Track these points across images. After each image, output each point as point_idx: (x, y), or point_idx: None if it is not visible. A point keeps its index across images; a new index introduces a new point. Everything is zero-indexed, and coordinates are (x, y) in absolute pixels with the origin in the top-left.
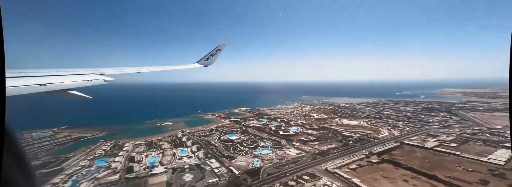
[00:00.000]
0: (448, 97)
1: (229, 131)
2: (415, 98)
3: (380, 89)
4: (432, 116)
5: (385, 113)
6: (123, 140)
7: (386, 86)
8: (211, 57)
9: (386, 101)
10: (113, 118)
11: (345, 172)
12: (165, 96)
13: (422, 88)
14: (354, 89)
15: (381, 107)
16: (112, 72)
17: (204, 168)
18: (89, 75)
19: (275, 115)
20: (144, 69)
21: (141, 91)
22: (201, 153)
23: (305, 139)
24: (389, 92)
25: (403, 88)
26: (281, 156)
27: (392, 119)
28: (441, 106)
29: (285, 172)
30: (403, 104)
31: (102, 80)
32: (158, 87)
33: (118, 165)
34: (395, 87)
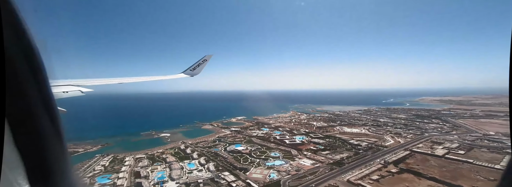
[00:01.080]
0: (431, 105)
1: (233, 141)
2: (402, 105)
3: (365, 97)
4: (426, 123)
5: (381, 120)
6: (121, 154)
7: (370, 94)
8: (197, 67)
9: (377, 109)
10: (102, 130)
11: (369, 183)
12: (153, 106)
13: (404, 96)
14: (340, 97)
15: (375, 115)
16: (91, 83)
17: (220, 182)
18: (65, 86)
19: (275, 124)
20: (126, 80)
21: (125, 101)
22: (211, 165)
23: (313, 148)
24: (375, 100)
25: (386, 96)
26: (297, 167)
27: (390, 126)
28: (429, 113)
29: (307, 184)
30: (394, 112)
31: (79, 92)
32: (143, 96)
33: (123, 181)
34: (379, 95)
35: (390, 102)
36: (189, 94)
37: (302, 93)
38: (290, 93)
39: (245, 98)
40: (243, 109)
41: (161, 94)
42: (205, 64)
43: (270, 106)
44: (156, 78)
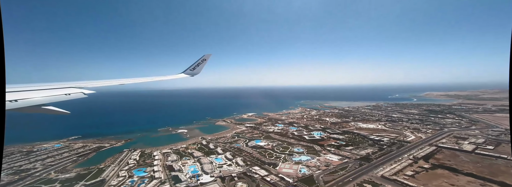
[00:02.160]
0: (438, 100)
1: (252, 137)
2: (409, 101)
3: (369, 93)
4: (441, 118)
5: (394, 116)
6: (147, 148)
7: (373, 90)
8: (197, 67)
9: (385, 104)
10: (119, 127)
11: (404, 179)
12: (160, 103)
13: (408, 91)
14: (343, 93)
15: (385, 110)
16: (93, 85)
17: (253, 176)
18: (67, 89)
19: (288, 120)
20: (127, 81)
21: (131, 98)
22: (239, 160)
23: (335, 143)
24: (380, 95)
25: (391, 92)
26: (325, 162)
27: (406, 121)
28: (441, 108)
29: (341, 179)
30: (404, 107)
31: (82, 94)
32: (146, 93)
33: (160, 174)
34: (382, 90)
35: (397, 98)
36: (191, 91)
37: (304, 90)
38: (291, 89)
39: (249, 95)
40: (251, 106)
41: (163, 91)
42: (205, 64)
43: (277, 102)
44: (156, 78)
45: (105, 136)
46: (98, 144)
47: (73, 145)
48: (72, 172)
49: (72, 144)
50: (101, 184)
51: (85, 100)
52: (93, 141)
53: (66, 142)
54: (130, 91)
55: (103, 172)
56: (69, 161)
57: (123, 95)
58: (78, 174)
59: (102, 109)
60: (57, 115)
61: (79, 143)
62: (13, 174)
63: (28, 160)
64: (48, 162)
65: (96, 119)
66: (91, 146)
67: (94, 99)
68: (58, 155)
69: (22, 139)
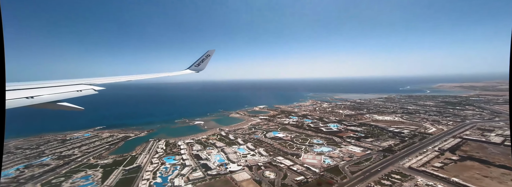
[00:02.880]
0: (453, 91)
1: (269, 129)
2: (422, 92)
3: (378, 85)
4: (461, 110)
5: (410, 108)
6: (170, 138)
7: (381, 82)
8: (201, 63)
9: (398, 96)
10: (137, 118)
11: (433, 170)
12: (171, 96)
13: (419, 83)
14: (351, 85)
15: (399, 102)
16: (101, 82)
17: (279, 166)
18: (78, 85)
19: (301, 113)
20: (134, 77)
21: (141, 91)
22: (261, 150)
23: (353, 135)
24: (391, 87)
25: (401, 84)
26: (348, 153)
27: (423, 113)
28: (458, 100)
29: (367, 170)
30: (418, 99)
31: (92, 90)
32: (154, 86)
33: (190, 162)
34: (391, 83)
35: (408, 90)
36: (197, 84)
37: (310, 82)
38: (296, 82)
39: (255, 88)
40: (260, 98)
41: (170, 84)
42: (209, 59)
43: (285, 95)
44: (162, 74)
45: (128, 127)
46: (123, 134)
47: (101, 134)
48: (108, 158)
49: (100, 133)
50: (138, 169)
51: (99, 92)
52: (118, 131)
53: (94, 132)
54: (137, 84)
55: (136, 159)
56: (102, 149)
57: (132, 89)
58: (114, 160)
59: (116, 101)
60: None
61: (105, 132)
62: (58, 159)
63: (65, 147)
64: (84, 149)
65: (114, 111)
66: (118, 135)
67: (106, 91)
68: (91, 143)
69: (52, 129)
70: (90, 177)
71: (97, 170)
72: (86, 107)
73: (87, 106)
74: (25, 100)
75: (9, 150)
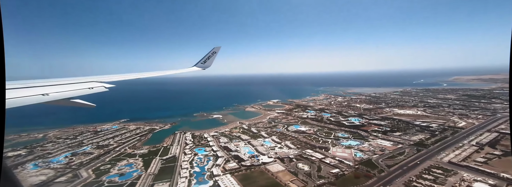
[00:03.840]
0: (472, 84)
1: (289, 122)
2: (439, 86)
3: (391, 78)
4: (487, 103)
5: (430, 101)
6: (195, 131)
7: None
8: (207, 60)
9: (414, 90)
10: (156, 112)
11: (477, 165)
12: (182, 91)
13: (433, 76)
14: (364, 79)
15: (417, 96)
16: (111, 79)
17: (310, 158)
18: (89, 83)
19: (316, 107)
20: (143, 75)
21: (151, 86)
22: (288, 143)
23: (379, 129)
24: (404, 81)
25: (415, 77)
26: (378, 147)
27: (447, 107)
28: (481, 93)
29: (404, 164)
30: (437, 92)
31: (103, 88)
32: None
33: (221, 154)
34: (405, 76)
35: (423, 83)
36: (204, 79)
37: (319, 76)
38: (304, 76)
39: (264, 83)
40: (272, 93)
41: (177, 79)
42: (215, 56)
43: (296, 89)
44: (170, 72)
45: (150, 120)
46: (148, 126)
47: (128, 126)
48: (143, 148)
49: (126, 126)
50: (174, 159)
51: (110, 89)
52: (142, 123)
53: (120, 124)
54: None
55: (169, 150)
56: (134, 140)
57: (141, 83)
58: (149, 150)
59: (130, 96)
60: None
61: (131, 125)
62: (98, 149)
63: (100, 138)
64: (117, 140)
65: (131, 105)
66: (144, 128)
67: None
68: (121, 134)
69: (82, 121)
70: (133, 165)
71: (137, 159)
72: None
73: (105, 99)
74: (41, 96)
75: (51, 139)
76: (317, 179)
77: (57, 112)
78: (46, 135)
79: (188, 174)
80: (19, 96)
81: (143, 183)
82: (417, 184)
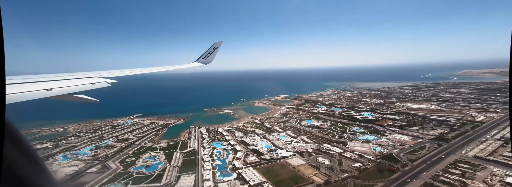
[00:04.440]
0: (485, 78)
1: (301, 117)
2: (449, 80)
3: (396, 72)
4: (504, 96)
5: (443, 95)
6: (209, 126)
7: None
8: (209, 55)
9: (424, 84)
10: (166, 107)
11: (506, 160)
12: (186, 87)
13: (440, 70)
14: (369, 73)
15: (428, 90)
16: (112, 75)
17: (330, 153)
18: (92, 78)
19: (326, 102)
20: (145, 70)
21: (155, 82)
22: (304, 138)
23: (394, 124)
24: (412, 75)
25: (422, 71)
26: (397, 141)
27: (461, 101)
28: (495, 86)
29: (427, 158)
30: (448, 86)
31: (105, 83)
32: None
33: (239, 148)
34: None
35: (431, 77)
36: (206, 75)
37: (322, 71)
38: (307, 71)
39: (268, 78)
40: (278, 88)
41: (179, 75)
42: (217, 51)
43: (302, 84)
44: (172, 67)
45: (163, 115)
46: (162, 121)
47: (142, 121)
48: (162, 142)
49: (141, 120)
50: (194, 153)
51: (112, 85)
52: (156, 118)
53: (134, 119)
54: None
55: (187, 143)
56: (151, 134)
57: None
58: (168, 144)
59: (138, 91)
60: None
61: (145, 120)
62: (119, 142)
63: (118, 132)
64: (135, 134)
65: (139, 101)
66: (158, 122)
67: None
68: (138, 129)
69: (94, 116)
70: (156, 157)
71: (158, 152)
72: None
73: (113, 95)
74: (45, 91)
75: (72, 133)
76: (340, 173)
77: (71, 108)
78: (66, 129)
79: (211, 167)
80: (24, 91)
81: (170, 174)
82: (444, 178)
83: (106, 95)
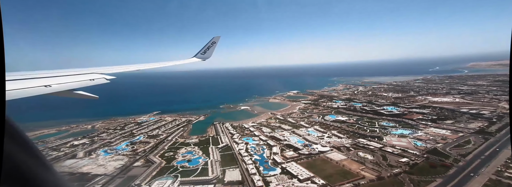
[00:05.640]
0: (497, 70)
1: (322, 112)
2: (460, 73)
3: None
4: None
5: (462, 88)
6: (233, 122)
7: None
8: (207, 50)
9: (436, 78)
10: (182, 104)
11: None
12: (191, 84)
13: (446, 63)
14: (375, 68)
15: (443, 83)
16: (110, 71)
17: (368, 147)
18: (90, 74)
19: (341, 97)
20: (143, 66)
21: (156, 80)
22: (335, 132)
23: (424, 117)
24: (418, 69)
25: (428, 65)
26: (438, 136)
27: (485, 93)
28: None
29: (478, 153)
30: (463, 79)
31: (104, 79)
32: (167, 76)
33: (273, 143)
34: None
35: (440, 70)
36: (208, 72)
37: (326, 67)
38: (309, 67)
39: (273, 75)
40: (287, 84)
41: (179, 73)
42: (215, 46)
43: (309, 80)
44: (170, 63)
45: (181, 112)
46: (184, 118)
47: (164, 118)
48: (192, 138)
49: (162, 118)
50: (228, 148)
51: (120, 82)
52: (175, 115)
53: (155, 116)
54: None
55: (218, 139)
56: (179, 130)
57: (143, 77)
58: (199, 140)
59: (146, 89)
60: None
61: (166, 117)
62: (151, 138)
63: (146, 129)
64: (163, 130)
65: (153, 98)
66: (181, 119)
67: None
68: (163, 126)
69: (116, 113)
70: (193, 152)
71: (193, 148)
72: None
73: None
74: (43, 88)
75: (101, 130)
76: (389, 168)
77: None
78: (94, 126)
79: (251, 161)
80: (22, 87)
81: (214, 168)
82: (509, 174)
83: (118, 93)
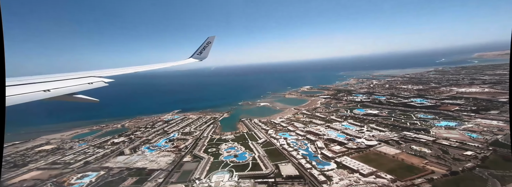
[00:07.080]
0: (507, 59)
1: (347, 106)
2: (470, 63)
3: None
4: None
5: (484, 78)
6: (260, 118)
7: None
8: (203, 51)
9: (449, 69)
10: (199, 102)
11: None
12: (199, 82)
13: (452, 54)
14: (378, 62)
15: (460, 74)
16: (109, 74)
17: (419, 141)
18: (88, 78)
19: (359, 90)
20: (141, 68)
21: (159, 80)
22: (373, 126)
23: (461, 108)
24: (425, 61)
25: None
26: (492, 127)
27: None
28: None
29: None
30: (479, 69)
31: (102, 82)
32: (168, 75)
33: (313, 138)
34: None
35: (448, 62)
36: (207, 71)
37: (323, 62)
38: (312, 63)
39: (279, 71)
40: (297, 80)
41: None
42: (210, 46)
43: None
44: (168, 64)
45: (202, 110)
46: (209, 115)
47: (188, 116)
48: (227, 134)
49: (187, 115)
50: (269, 143)
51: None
52: (198, 113)
53: (179, 114)
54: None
55: (252, 135)
56: (210, 127)
57: (144, 77)
58: (234, 136)
59: (155, 89)
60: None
61: (190, 114)
62: (186, 135)
63: (175, 126)
64: (194, 127)
65: (169, 97)
66: (206, 117)
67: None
68: (192, 123)
69: (140, 112)
70: (235, 148)
71: (233, 143)
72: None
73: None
74: (42, 93)
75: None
76: (456, 162)
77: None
78: (123, 125)
79: (301, 156)
80: (20, 93)
81: (265, 163)
82: None
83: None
